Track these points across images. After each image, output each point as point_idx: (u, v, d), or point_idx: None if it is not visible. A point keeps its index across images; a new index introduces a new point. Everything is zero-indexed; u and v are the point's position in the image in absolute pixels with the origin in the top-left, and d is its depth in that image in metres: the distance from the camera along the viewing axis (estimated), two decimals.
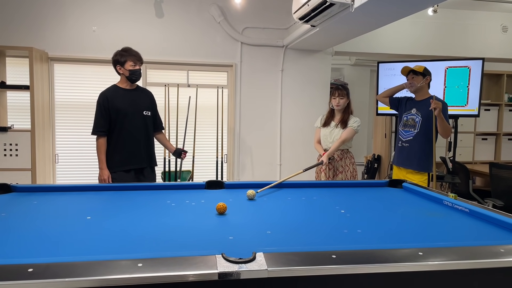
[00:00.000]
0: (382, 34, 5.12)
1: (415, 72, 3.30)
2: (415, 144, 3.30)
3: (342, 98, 3.47)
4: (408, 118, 3.39)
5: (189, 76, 4.77)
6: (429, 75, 3.34)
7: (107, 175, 2.97)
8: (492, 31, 5.44)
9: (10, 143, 4.00)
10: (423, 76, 3.30)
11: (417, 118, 3.32)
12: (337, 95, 3.48)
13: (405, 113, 3.43)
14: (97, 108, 3.00)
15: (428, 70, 3.33)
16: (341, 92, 3.48)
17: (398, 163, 3.46)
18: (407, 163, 3.35)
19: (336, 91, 3.51)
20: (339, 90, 3.49)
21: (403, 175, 3.36)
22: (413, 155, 3.30)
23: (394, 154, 3.56)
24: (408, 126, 3.38)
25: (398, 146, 3.47)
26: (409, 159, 3.33)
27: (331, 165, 3.51)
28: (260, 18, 4.83)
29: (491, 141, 6.12)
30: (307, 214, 1.79)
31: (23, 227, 1.52)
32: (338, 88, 3.52)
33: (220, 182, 2.44)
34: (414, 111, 3.36)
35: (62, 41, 4.40)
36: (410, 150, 3.32)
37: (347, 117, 3.53)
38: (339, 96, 3.47)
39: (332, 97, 3.57)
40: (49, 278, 0.97)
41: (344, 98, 3.48)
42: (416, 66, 3.32)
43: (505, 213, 1.67)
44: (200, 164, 4.82)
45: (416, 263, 1.11)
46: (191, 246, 1.32)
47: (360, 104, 6.73)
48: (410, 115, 3.38)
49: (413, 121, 3.35)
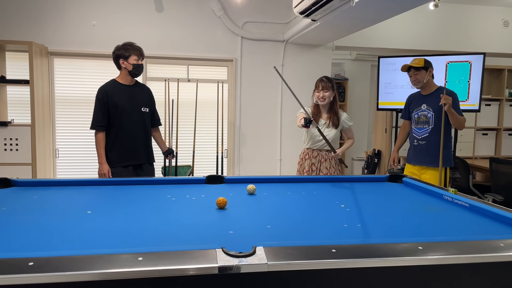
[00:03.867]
0: (383, 29, 5.10)
1: (416, 68, 3.19)
2: (432, 140, 3.20)
3: (326, 91, 3.07)
4: (419, 115, 3.29)
5: (189, 70, 4.75)
6: (431, 67, 3.22)
7: (107, 169, 2.98)
8: (493, 26, 5.42)
9: (10, 138, 4.00)
10: (426, 69, 3.19)
11: (429, 113, 3.22)
12: (321, 88, 3.08)
13: (415, 110, 3.32)
14: (96, 103, 2.99)
15: (429, 61, 3.22)
16: (326, 84, 3.08)
17: (414, 161, 3.33)
18: (428, 160, 3.23)
19: (320, 83, 3.10)
20: (323, 82, 3.08)
21: (418, 172, 3.28)
22: (432, 151, 3.19)
23: (408, 152, 3.44)
24: (421, 123, 3.27)
25: (413, 144, 3.35)
26: (429, 156, 3.22)
27: (315, 166, 3.21)
28: (261, 13, 4.81)
29: (491, 136, 6.10)
30: (307, 209, 1.79)
31: (23, 221, 1.53)
32: (321, 80, 3.11)
33: (220, 177, 2.44)
34: (424, 106, 3.26)
35: (61, 35, 4.39)
36: (428, 147, 3.22)
37: (336, 113, 3.18)
38: (323, 90, 3.07)
39: (315, 90, 3.14)
40: (49, 271, 0.97)
41: (329, 91, 3.08)
42: (414, 61, 3.20)
43: (505, 208, 1.68)
44: (200, 159, 4.82)
45: (415, 257, 1.11)
46: (191, 240, 1.32)
47: (361, 99, 6.71)
48: (421, 112, 3.27)
49: (425, 117, 3.25)
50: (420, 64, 3.17)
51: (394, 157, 3.48)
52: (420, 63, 3.17)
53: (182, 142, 4.69)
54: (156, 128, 3.35)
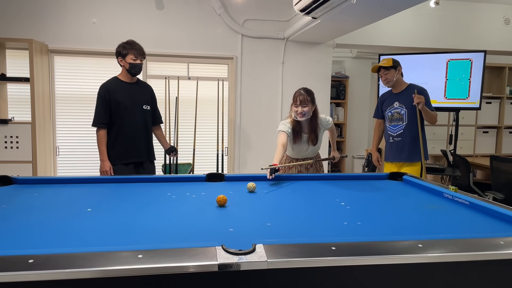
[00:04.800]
0: (383, 27, 5.09)
1: (386, 68, 3.32)
2: (407, 136, 3.33)
3: (305, 106, 2.72)
4: (393, 113, 3.41)
5: (189, 68, 4.75)
6: (399, 66, 3.36)
7: (108, 166, 2.98)
8: (494, 24, 5.40)
9: (10, 136, 4.00)
10: (395, 68, 3.32)
11: (402, 110, 3.34)
12: (299, 102, 2.71)
13: (389, 108, 3.44)
14: (98, 100, 2.99)
15: (397, 61, 3.35)
16: (304, 99, 2.71)
17: (391, 158, 3.46)
18: (402, 157, 3.36)
19: (298, 97, 2.73)
20: (302, 96, 2.72)
21: (397, 169, 3.36)
22: (406, 147, 3.33)
23: (385, 150, 3.56)
24: (395, 120, 3.39)
25: (389, 142, 3.47)
26: (403, 152, 3.35)
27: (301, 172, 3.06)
28: (261, 10, 4.80)
29: (492, 134, 6.10)
30: (307, 207, 1.79)
31: (24, 218, 1.53)
32: (300, 93, 2.74)
33: (221, 174, 2.44)
34: (397, 104, 3.37)
35: (62, 33, 4.38)
36: (403, 143, 3.35)
37: (315, 130, 2.87)
38: (301, 105, 2.71)
39: (293, 104, 2.78)
40: (49, 269, 0.97)
41: (307, 106, 2.73)
42: (383, 61, 3.34)
43: (505, 206, 1.67)
44: (200, 157, 4.82)
45: (415, 255, 1.11)
46: (191, 238, 1.32)
47: (361, 97, 6.71)
48: (394, 109, 3.39)
49: (398, 115, 3.37)
50: (389, 64, 3.30)
51: (378, 157, 3.62)
52: (389, 62, 3.31)
53: (183, 140, 4.69)
54: (157, 126, 3.35)
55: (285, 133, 2.76)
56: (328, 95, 5.15)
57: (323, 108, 5.10)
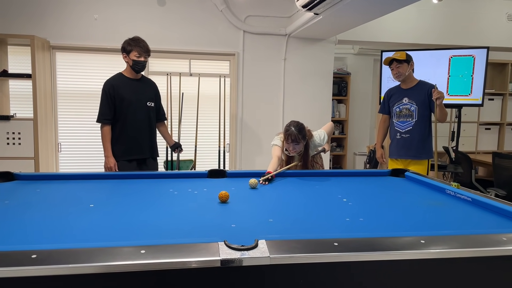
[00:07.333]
0: (385, 23, 5.07)
1: (399, 61, 3.24)
2: (416, 133, 3.26)
3: (297, 144, 2.57)
4: (401, 109, 3.33)
5: (191, 65, 4.74)
6: (412, 60, 3.29)
7: (113, 162, 2.98)
8: (497, 20, 5.37)
9: (13, 132, 4.01)
10: (407, 62, 3.25)
11: (412, 106, 3.27)
12: (291, 141, 2.55)
13: (397, 104, 3.36)
14: (103, 96, 2.99)
15: (410, 55, 3.28)
16: (296, 138, 2.53)
17: (397, 155, 3.39)
18: (410, 154, 3.30)
19: (289, 136, 2.54)
20: (293, 136, 2.53)
21: (402, 166, 3.31)
22: (415, 144, 3.26)
23: (390, 147, 3.49)
24: (404, 116, 3.32)
25: (395, 138, 3.39)
26: (411, 149, 3.28)
27: None
28: (263, 6, 4.79)
29: (494, 130, 6.09)
30: (309, 203, 1.79)
31: (26, 214, 1.53)
32: (291, 132, 2.54)
33: (223, 171, 2.44)
34: (406, 100, 3.30)
35: (63, 29, 4.38)
36: (411, 140, 3.28)
37: (306, 163, 2.76)
38: (293, 143, 2.56)
39: (285, 140, 2.64)
40: (52, 264, 0.97)
41: (299, 143, 2.57)
42: (397, 54, 3.25)
43: (507, 202, 1.67)
44: (202, 153, 4.82)
45: (418, 251, 1.11)
46: (194, 234, 1.32)
47: (363, 94, 6.69)
48: (403, 105, 3.32)
49: (408, 111, 3.29)
50: (403, 57, 3.22)
51: (382, 153, 3.53)
52: (402, 56, 3.23)
53: (185, 136, 4.69)
54: (161, 123, 3.34)
55: (279, 147, 2.69)
56: (330, 91, 5.14)
57: (325, 106, 5.10)
